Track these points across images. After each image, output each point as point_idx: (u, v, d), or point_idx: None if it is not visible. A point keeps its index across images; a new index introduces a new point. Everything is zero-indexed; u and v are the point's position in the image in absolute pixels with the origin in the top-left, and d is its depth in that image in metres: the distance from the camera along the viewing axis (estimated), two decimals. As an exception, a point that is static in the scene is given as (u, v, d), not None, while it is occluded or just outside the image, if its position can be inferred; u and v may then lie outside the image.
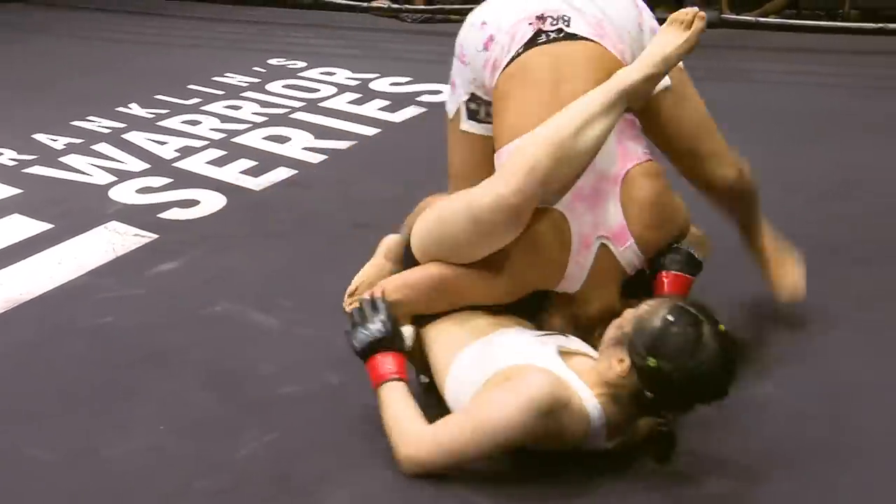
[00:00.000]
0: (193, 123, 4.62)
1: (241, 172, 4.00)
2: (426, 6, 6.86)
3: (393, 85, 5.21)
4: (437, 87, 5.11)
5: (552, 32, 2.34)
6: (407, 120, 4.69)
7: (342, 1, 7.00)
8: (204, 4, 7.41)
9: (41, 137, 4.42)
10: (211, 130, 4.51)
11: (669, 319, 2.01)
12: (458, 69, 2.50)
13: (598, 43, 2.33)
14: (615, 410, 2.06)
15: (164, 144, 4.33)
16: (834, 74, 5.28)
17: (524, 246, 2.20)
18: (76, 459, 2.24)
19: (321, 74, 5.45)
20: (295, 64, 5.67)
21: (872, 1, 6.31)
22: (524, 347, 2.16)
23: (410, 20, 6.74)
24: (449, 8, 6.64)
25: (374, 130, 4.52)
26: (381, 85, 5.22)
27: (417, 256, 2.32)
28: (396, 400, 2.17)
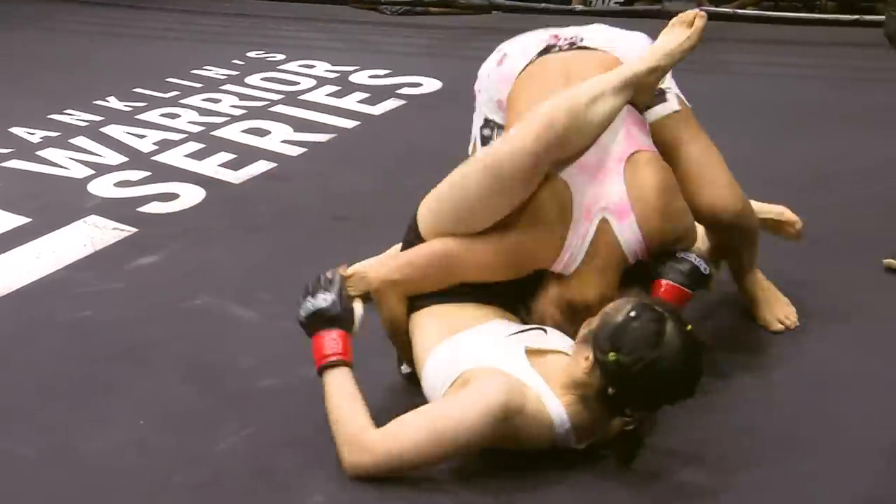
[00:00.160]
0: (172, 117, 4.59)
1: (220, 165, 3.99)
2: (405, -2, 6.84)
3: (372, 77, 5.19)
4: (416, 79, 5.12)
5: (565, 46, 2.45)
6: (386, 112, 4.68)
7: (321, -7, 6.97)
8: (182, -3, 7.38)
9: (18, 131, 4.38)
10: (190, 123, 4.49)
11: (632, 315, 2.01)
12: (476, 107, 2.57)
13: (609, 53, 2.41)
14: (584, 414, 2.06)
15: (142, 138, 4.30)
16: (812, 66, 5.31)
17: (525, 215, 2.23)
18: (55, 454, 2.24)
19: (300, 67, 5.43)
20: (274, 57, 5.65)
21: (849, -8, 6.35)
22: (491, 349, 2.15)
23: (390, 12, 6.71)
24: (428, 0, 6.63)
25: (353, 123, 4.51)
26: (360, 77, 5.21)
27: (424, 230, 2.31)
28: (339, 390, 2.13)
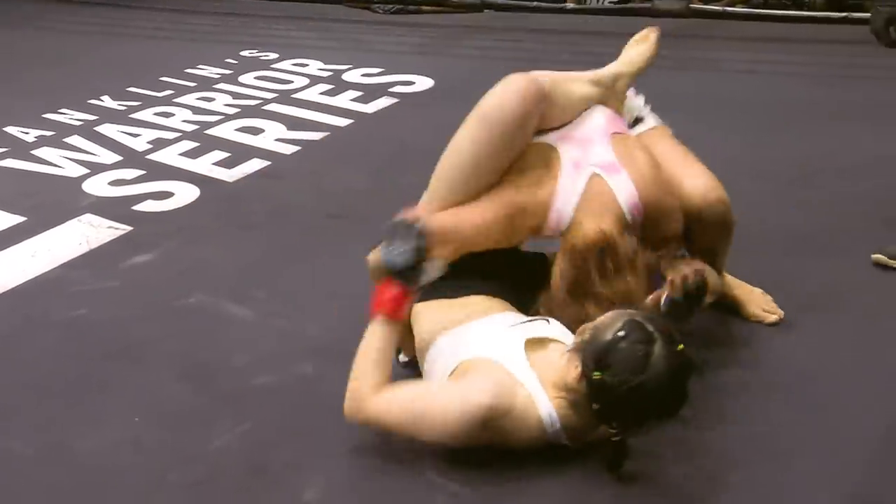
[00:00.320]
0: (166, 115, 4.61)
1: (214, 164, 4.00)
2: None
3: (365, 76, 5.22)
4: (409, 77, 5.14)
5: None
6: (379, 111, 4.70)
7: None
8: (175, -5, 7.39)
9: (12, 130, 4.40)
10: (183, 122, 4.51)
11: (620, 334, 1.99)
12: None
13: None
14: (574, 416, 2.08)
15: (136, 137, 4.32)
16: (800, 63, 5.33)
17: (514, 174, 2.35)
18: (50, 452, 2.25)
19: (293, 66, 5.44)
20: (267, 55, 5.66)
21: (838, -10, 6.38)
22: (491, 341, 2.18)
23: (383, 11, 6.73)
24: (421, -2, 6.66)
25: (346, 121, 4.53)
26: (353, 76, 5.23)
27: (427, 209, 2.33)
28: (370, 345, 2.19)
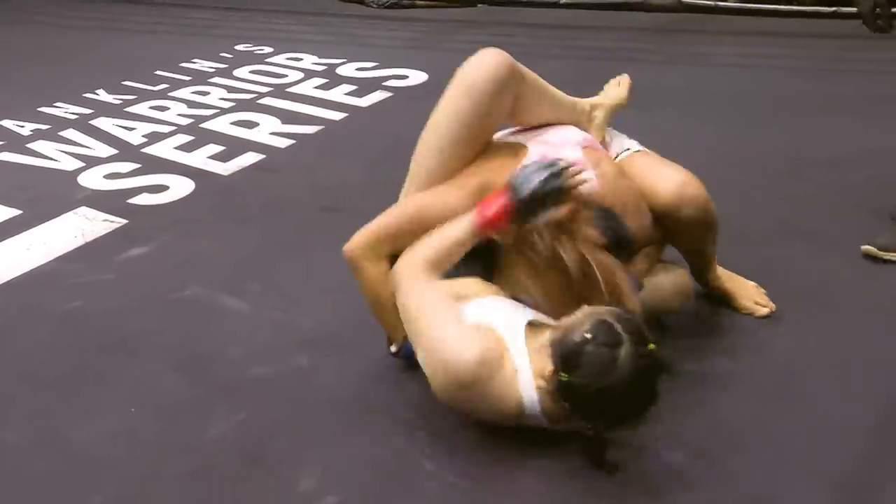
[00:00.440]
0: (161, 109, 4.63)
1: (209, 157, 4.02)
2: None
3: (359, 70, 5.24)
4: (403, 71, 5.16)
5: None
6: (373, 105, 4.72)
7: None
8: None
9: (8, 124, 4.42)
10: (178, 116, 4.53)
11: (588, 336, 1.96)
12: None
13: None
14: (552, 405, 2.07)
15: (132, 130, 4.34)
16: (789, 57, 5.35)
17: (485, 160, 2.46)
18: (46, 443, 2.27)
19: (288, 60, 5.46)
20: (262, 49, 5.68)
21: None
22: (500, 312, 2.17)
23: (376, 5, 6.75)
24: (414, -8, 6.69)
25: (340, 115, 4.56)
26: (347, 70, 5.25)
27: (409, 179, 2.49)
28: (456, 233, 2.25)
